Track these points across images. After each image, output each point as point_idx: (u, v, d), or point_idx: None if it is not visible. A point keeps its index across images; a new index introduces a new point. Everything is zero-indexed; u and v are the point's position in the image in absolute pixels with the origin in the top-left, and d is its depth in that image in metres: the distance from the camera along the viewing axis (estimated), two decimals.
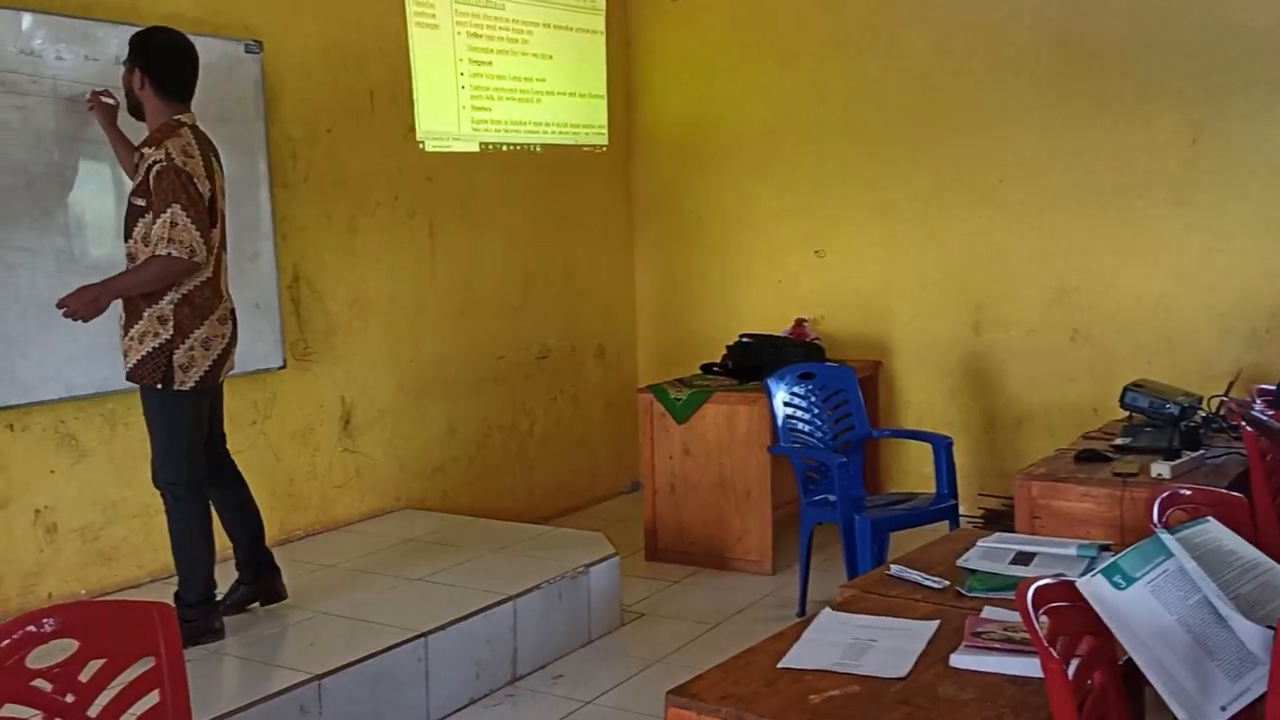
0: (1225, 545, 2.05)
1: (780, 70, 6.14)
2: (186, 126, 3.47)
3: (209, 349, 3.50)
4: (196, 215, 3.36)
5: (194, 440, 3.54)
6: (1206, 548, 2.00)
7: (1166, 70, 5.11)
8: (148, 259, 3.38)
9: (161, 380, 3.44)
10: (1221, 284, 5.06)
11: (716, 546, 5.22)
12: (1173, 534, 2.03)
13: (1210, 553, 1.98)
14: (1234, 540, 2.07)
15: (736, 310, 6.31)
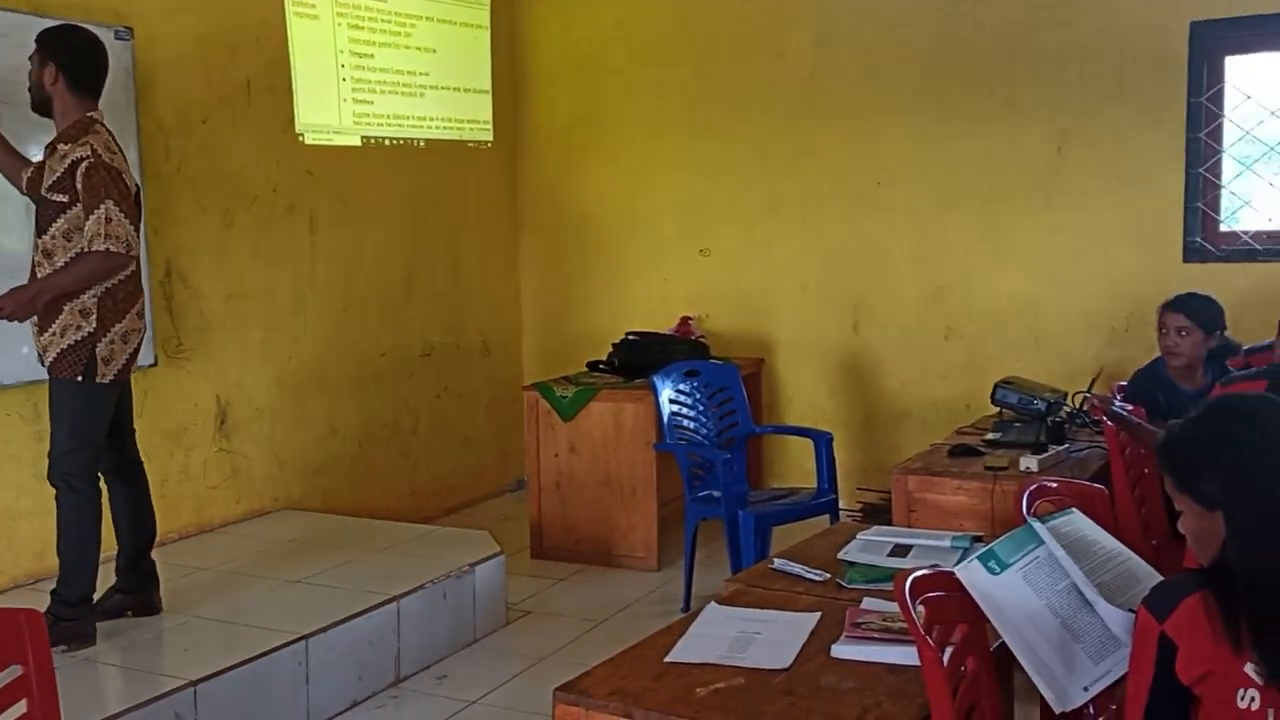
0: (1088, 535, 2.15)
1: (665, 69, 6.18)
2: (99, 123, 3.49)
3: (127, 342, 3.52)
4: (127, 209, 3.40)
5: (100, 434, 3.52)
6: (1072, 537, 2.09)
7: (1035, 80, 5.31)
8: (83, 255, 3.36)
9: (83, 373, 3.42)
10: (1085, 285, 5.28)
11: (602, 544, 5.23)
12: (1042, 524, 2.12)
13: (1075, 542, 2.07)
14: (1096, 531, 2.17)
15: (622, 308, 6.34)
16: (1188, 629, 1.67)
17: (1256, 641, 1.62)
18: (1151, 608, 1.73)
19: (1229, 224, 5.07)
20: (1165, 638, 1.69)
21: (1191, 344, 3.87)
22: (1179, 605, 1.69)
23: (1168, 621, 1.69)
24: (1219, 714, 1.67)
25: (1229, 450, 1.72)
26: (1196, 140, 5.00)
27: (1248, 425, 1.75)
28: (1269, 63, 4.98)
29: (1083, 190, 5.25)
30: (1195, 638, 1.67)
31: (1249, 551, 1.66)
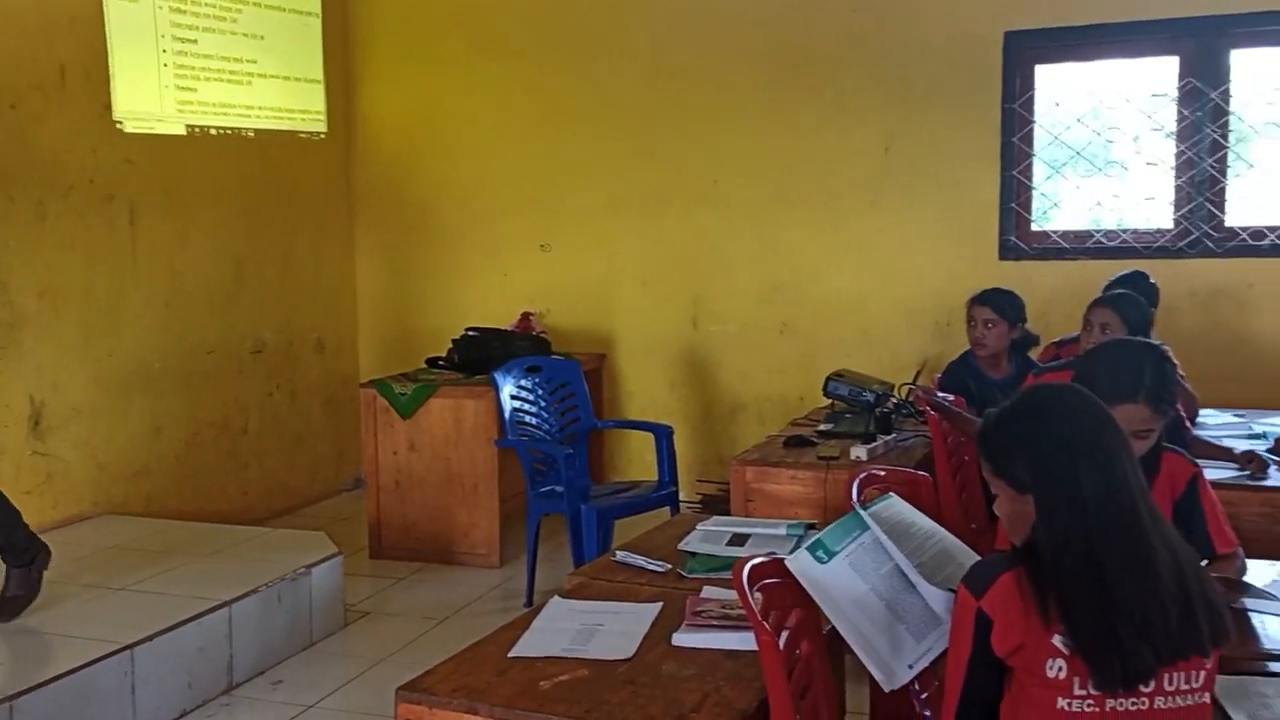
0: (906, 518, 2.25)
1: (506, 64, 6.15)
2: None
3: None
4: None
5: None
6: (892, 521, 2.19)
7: (863, 84, 5.50)
8: None
9: None
10: (910, 281, 5.50)
11: (443, 541, 5.18)
12: (865, 510, 2.21)
13: (895, 525, 2.17)
14: (914, 514, 2.28)
15: (462, 304, 6.28)
16: (1002, 605, 1.77)
17: (1064, 615, 1.72)
18: (969, 586, 1.82)
19: (1040, 224, 5.37)
20: (982, 614, 1.78)
21: (997, 335, 4.11)
22: (994, 583, 1.78)
23: (984, 598, 1.78)
24: (1030, 683, 1.77)
25: (1038, 437, 1.83)
26: (1010, 144, 5.27)
27: (1054, 414, 1.85)
28: (1075, 72, 5.30)
29: (908, 191, 5.47)
30: (1009, 613, 1.76)
31: (1056, 532, 1.77)
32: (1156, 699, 1.73)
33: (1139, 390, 2.37)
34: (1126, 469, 1.78)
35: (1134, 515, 1.75)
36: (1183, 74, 5.07)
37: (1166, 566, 1.73)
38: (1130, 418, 2.29)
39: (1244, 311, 5.00)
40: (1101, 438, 1.80)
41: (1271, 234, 4.95)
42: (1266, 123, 5.04)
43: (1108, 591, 1.70)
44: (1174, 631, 1.70)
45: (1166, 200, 5.16)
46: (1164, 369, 2.43)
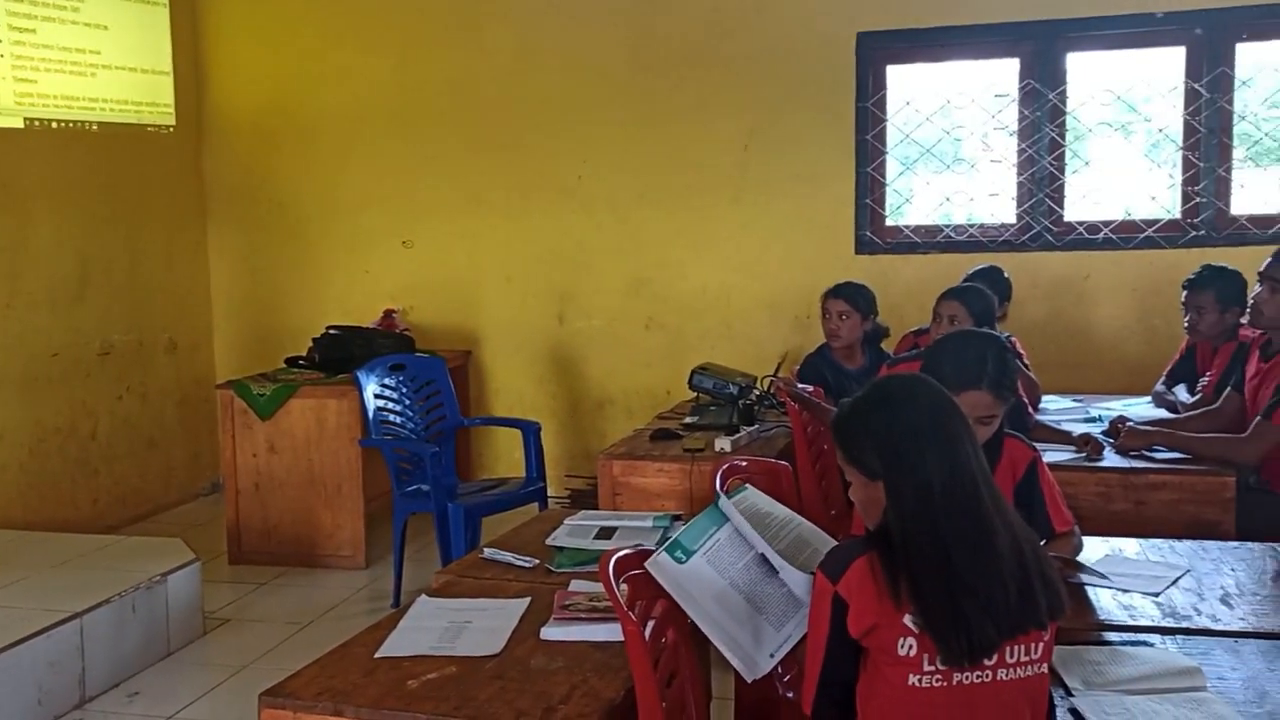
0: (762, 508, 2.32)
1: (363, 56, 6.05)
2: None
3: None
4: None
5: None
6: (750, 511, 2.25)
7: (723, 82, 5.59)
8: None
9: None
10: (771, 275, 5.62)
11: (306, 544, 5.07)
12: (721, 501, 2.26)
13: (752, 515, 2.23)
14: (770, 503, 2.35)
15: (322, 301, 6.16)
16: (857, 588, 1.84)
17: (913, 595, 1.81)
18: (826, 570, 1.89)
19: (894, 219, 5.55)
20: (838, 597, 1.85)
21: (850, 327, 4.26)
22: (849, 567, 1.86)
23: (840, 582, 1.85)
24: (884, 662, 1.85)
25: (887, 426, 1.91)
26: (864, 142, 5.44)
27: (901, 405, 1.94)
28: (925, 72, 5.49)
29: (767, 187, 5.59)
30: (863, 595, 1.83)
31: (905, 517, 1.85)
32: (999, 671, 1.82)
33: (982, 378, 2.49)
34: (969, 455, 1.88)
35: (976, 499, 1.84)
36: (1023, 75, 5.32)
37: (1006, 546, 1.83)
38: (974, 404, 2.41)
39: (1081, 302, 5.27)
40: (946, 426, 1.89)
41: (1105, 228, 5.23)
42: (1099, 123, 5.32)
43: (953, 571, 1.79)
44: (1014, 607, 1.80)
45: (1010, 196, 5.40)
46: (1005, 358, 2.55)
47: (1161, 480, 3.43)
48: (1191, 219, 5.17)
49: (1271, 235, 4.93)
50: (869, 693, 1.87)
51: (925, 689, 1.82)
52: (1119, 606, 2.35)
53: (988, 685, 1.82)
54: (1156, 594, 2.42)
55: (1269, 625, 2.24)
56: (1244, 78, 5.08)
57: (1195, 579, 2.51)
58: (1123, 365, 5.14)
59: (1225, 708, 1.88)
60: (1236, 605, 2.35)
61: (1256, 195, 5.18)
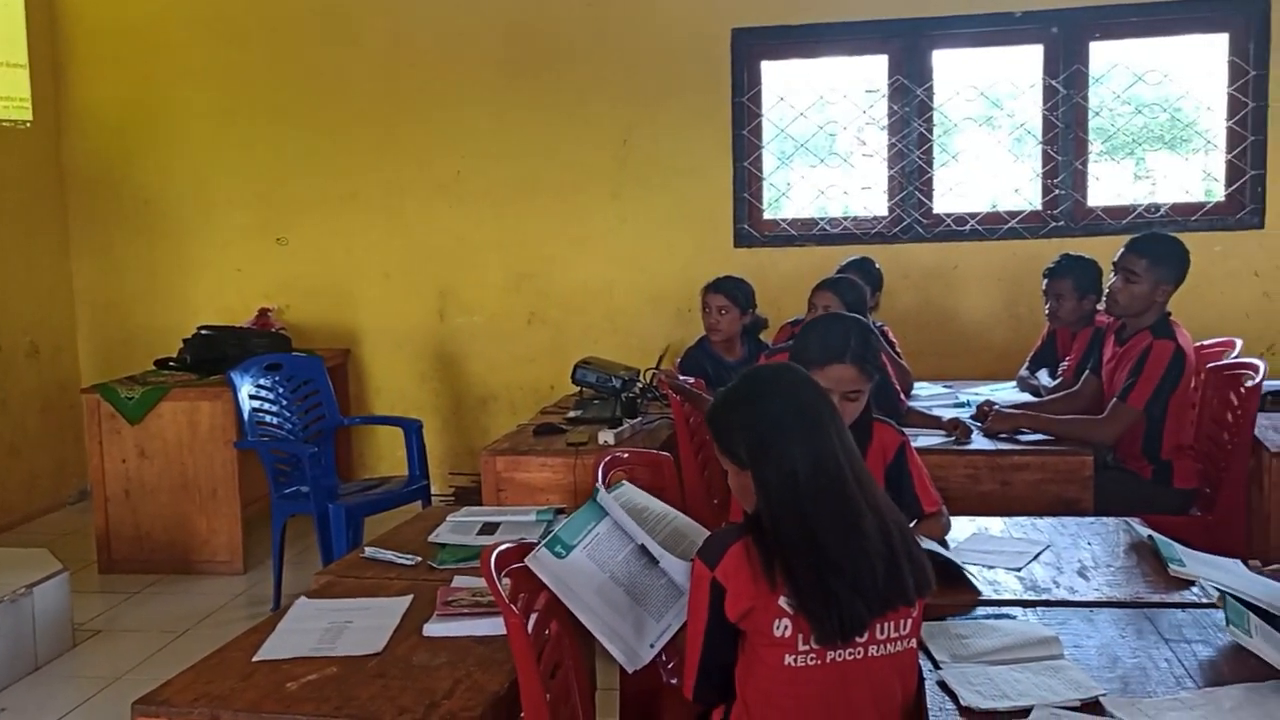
0: (639, 502, 2.36)
1: (232, 50, 5.90)
2: None
3: None
4: None
5: None
6: (628, 505, 2.29)
7: (601, 76, 5.62)
8: None
9: None
10: (652, 269, 5.67)
11: (181, 551, 4.94)
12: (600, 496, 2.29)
13: (631, 509, 2.27)
14: (646, 498, 2.39)
15: (193, 301, 6.00)
16: (733, 573, 1.89)
17: (786, 577, 1.86)
18: (703, 557, 1.93)
19: (771, 212, 5.65)
20: (716, 583, 1.90)
21: (729, 321, 4.35)
22: (726, 553, 1.91)
23: (717, 569, 1.90)
24: (760, 644, 1.90)
25: (754, 418, 1.97)
26: (741, 136, 5.53)
27: (768, 395, 1.99)
28: (799, 68, 5.60)
29: (646, 182, 5.64)
30: (739, 580, 1.88)
31: (773, 504, 1.91)
32: (870, 648, 1.89)
33: (845, 353, 2.58)
34: (834, 442, 1.94)
35: (842, 484, 1.91)
36: (891, 71, 5.47)
37: (873, 528, 1.90)
38: (838, 379, 2.53)
39: (951, 291, 5.45)
40: (811, 415, 1.95)
41: (972, 219, 5.41)
42: (964, 118, 5.50)
43: (822, 554, 1.85)
44: (882, 586, 1.87)
45: (881, 190, 5.55)
46: (868, 336, 2.65)
47: (1025, 461, 3.58)
48: (1051, 210, 5.39)
49: (1125, 225, 5.17)
50: (747, 674, 1.92)
51: (801, 668, 1.88)
52: (984, 582, 2.44)
53: (860, 662, 1.89)
54: (1019, 569, 2.53)
55: (1121, 595, 2.37)
56: (1097, 75, 5.31)
57: (1055, 554, 2.63)
58: (989, 351, 5.34)
59: (1080, 673, 1.98)
60: (1092, 577, 2.48)
61: (1111, 187, 5.42)
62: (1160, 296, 3.68)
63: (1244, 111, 5.14)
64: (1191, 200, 5.32)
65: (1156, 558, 2.54)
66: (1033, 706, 1.85)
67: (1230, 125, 5.20)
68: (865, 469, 1.99)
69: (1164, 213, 5.27)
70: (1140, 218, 5.25)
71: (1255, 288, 5.20)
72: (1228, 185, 5.25)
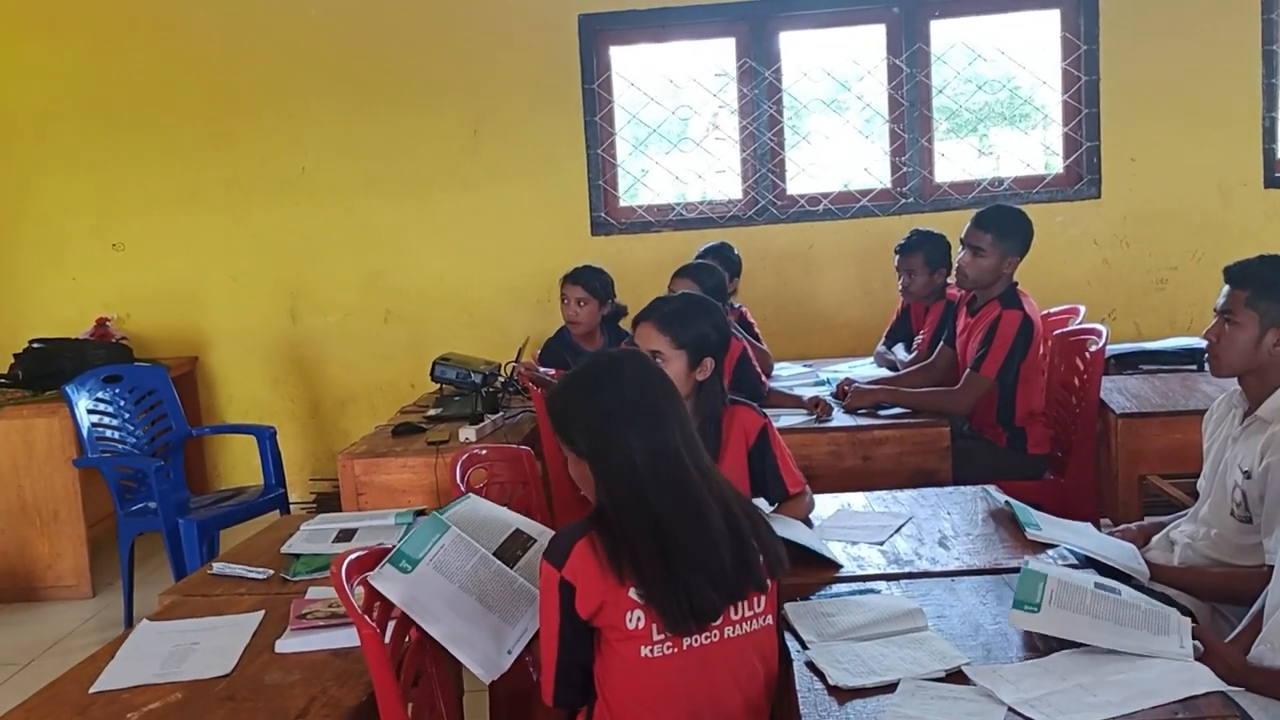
0: (483, 513, 2.30)
1: (55, 46, 5.58)
2: None
3: None
4: None
5: None
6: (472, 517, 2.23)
7: (449, 66, 5.48)
8: None
9: None
10: (508, 261, 5.57)
11: (22, 577, 4.66)
12: (442, 512, 2.22)
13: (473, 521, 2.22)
14: (492, 508, 2.34)
15: (23, 314, 5.66)
16: (581, 570, 1.84)
17: (633, 569, 1.82)
18: (550, 558, 1.87)
19: (627, 200, 5.62)
20: (564, 582, 1.85)
21: (589, 312, 4.30)
22: (572, 551, 1.85)
23: (564, 568, 1.85)
24: (615, 638, 1.86)
25: (591, 407, 1.92)
26: (593, 123, 5.47)
27: (606, 383, 1.94)
28: (648, 53, 5.57)
29: (499, 171, 5.53)
30: (587, 575, 1.84)
31: (614, 494, 1.87)
32: (726, 629, 1.88)
33: (652, 313, 2.68)
34: (674, 430, 1.90)
35: (683, 472, 1.88)
36: (739, 54, 5.49)
37: (719, 515, 1.87)
38: (644, 337, 2.64)
39: (808, 271, 5.51)
40: (647, 403, 1.91)
41: (825, 199, 5.48)
42: (814, 99, 5.56)
43: (668, 543, 1.82)
44: (731, 572, 1.85)
45: (735, 173, 5.57)
46: (688, 308, 2.70)
47: (885, 435, 3.63)
48: (900, 188, 5.49)
49: (971, 200, 5.30)
50: (605, 671, 1.88)
51: (658, 658, 1.85)
52: (848, 558, 2.45)
53: (716, 645, 1.87)
54: (881, 543, 2.55)
55: (981, 562, 2.40)
56: (938, 53, 5.43)
57: (916, 525, 2.67)
58: (847, 329, 5.42)
59: (944, 643, 1.99)
60: (953, 546, 2.51)
61: (956, 164, 5.56)
62: (1008, 268, 3.78)
63: (1077, 85, 5.32)
64: (1033, 173, 5.48)
65: (1014, 523, 2.59)
66: (899, 680, 1.86)
67: (1065, 99, 5.38)
68: (706, 457, 1.96)
69: (1007, 186, 5.43)
70: (985, 192, 5.39)
71: (1095, 255, 5.39)
72: (1065, 157, 5.43)
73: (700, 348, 2.64)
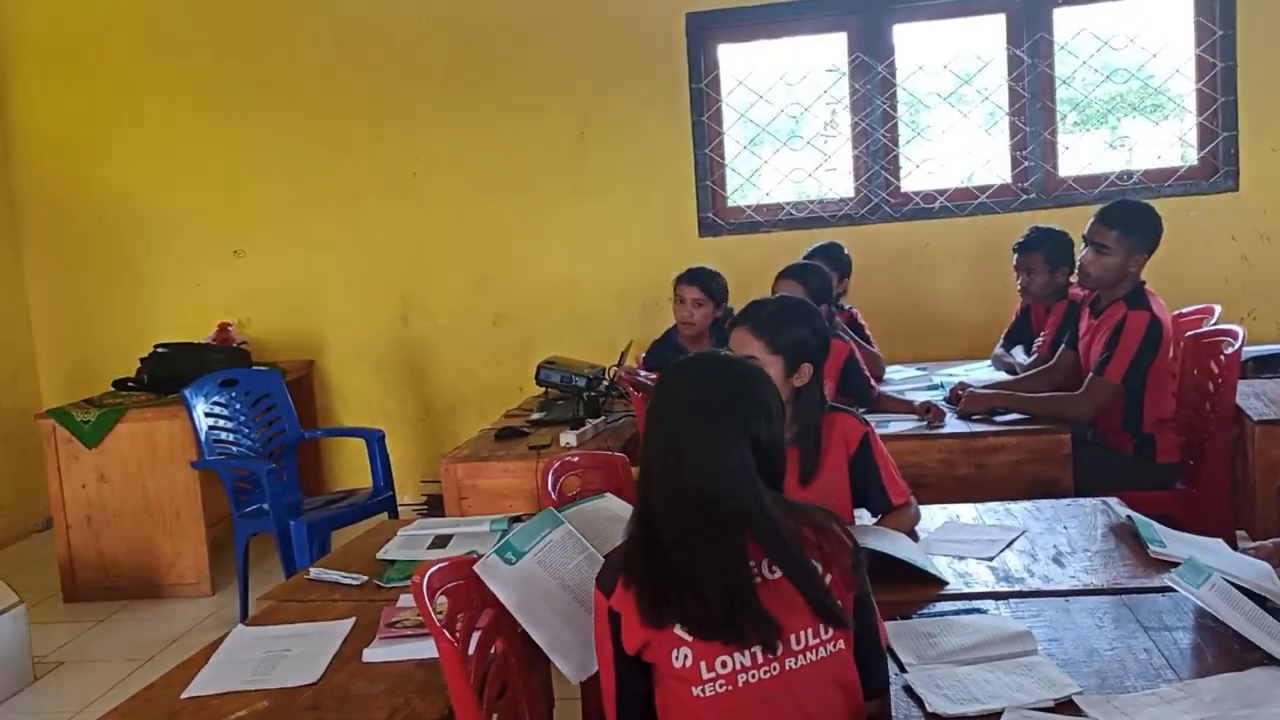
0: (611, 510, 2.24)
1: (176, 61, 5.75)
2: None
3: None
4: None
5: None
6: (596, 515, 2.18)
7: (555, 70, 5.47)
8: None
9: None
10: (616, 263, 5.54)
11: (147, 575, 4.81)
12: (566, 509, 2.19)
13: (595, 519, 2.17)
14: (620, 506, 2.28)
15: (152, 319, 5.85)
16: (625, 599, 1.71)
17: (679, 600, 1.66)
18: (599, 583, 1.76)
19: (735, 200, 5.52)
20: (612, 611, 1.72)
21: (703, 315, 4.20)
22: (620, 579, 1.73)
23: (612, 596, 1.72)
24: (666, 675, 1.71)
25: (650, 417, 1.81)
26: (700, 123, 5.39)
27: (662, 389, 1.83)
28: (756, 50, 5.47)
29: (606, 174, 5.50)
30: (630, 607, 1.70)
31: (649, 506, 1.74)
32: (787, 661, 1.69)
33: (747, 317, 2.54)
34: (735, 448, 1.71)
35: (710, 499, 1.70)
36: (851, 49, 5.34)
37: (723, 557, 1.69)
38: (738, 342, 2.50)
39: (922, 271, 5.33)
40: (709, 415, 1.73)
41: (941, 196, 5.29)
42: (930, 93, 5.38)
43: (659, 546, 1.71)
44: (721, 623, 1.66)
45: (847, 170, 5.43)
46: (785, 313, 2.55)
47: (1000, 443, 3.46)
48: (1022, 183, 5.27)
49: (1097, 195, 5.05)
50: (663, 709, 1.75)
51: (711, 698, 1.68)
52: (954, 574, 2.32)
53: (777, 678, 1.69)
54: (991, 558, 2.41)
55: (1098, 581, 2.24)
56: (1062, 42, 5.19)
57: (1029, 540, 2.51)
58: (964, 330, 5.22)
59: (1055, 670, 1.86)
60: (1068, 564, 2.35)
61: (1084, 157, 5.31)
62: (1134, 266, 3.57)
63: (1213, 72, 5.02)
64: (1165, 166, 5.20)
65: (1136, 539, 2.42)
66: (1003, 710, 1.74)
67: (1199, 88, 5.09)
68: (758, 492, 1.71)
69: (1136, 180, 5.16)
70: (1113, 186, 5.14)
71: (1233, 251, 5.09)
72: (1200, 149, 5.14)
73: (797, 353, 2.50)
